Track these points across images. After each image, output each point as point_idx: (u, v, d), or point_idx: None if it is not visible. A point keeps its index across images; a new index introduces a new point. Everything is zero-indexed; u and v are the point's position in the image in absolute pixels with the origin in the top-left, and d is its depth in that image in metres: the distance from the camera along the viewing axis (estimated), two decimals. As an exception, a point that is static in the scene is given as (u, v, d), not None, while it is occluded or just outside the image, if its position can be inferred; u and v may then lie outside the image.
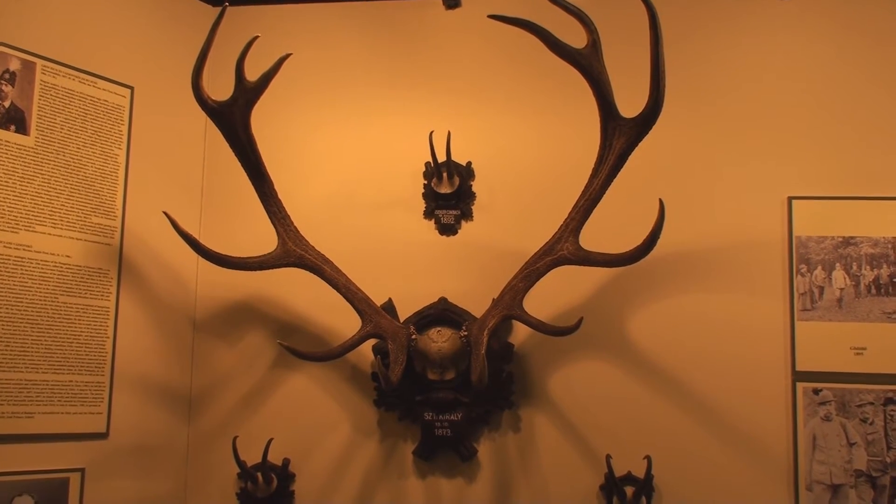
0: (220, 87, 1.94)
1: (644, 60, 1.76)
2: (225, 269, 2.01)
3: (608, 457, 2.05)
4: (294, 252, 2.02)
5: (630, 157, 1.85)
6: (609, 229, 2.04)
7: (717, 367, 2.14)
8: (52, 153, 2.05)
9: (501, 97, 2.36)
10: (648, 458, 2.03)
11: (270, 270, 2.03)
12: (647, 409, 2.15)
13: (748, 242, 2.17)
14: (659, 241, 1.76)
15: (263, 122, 1.99)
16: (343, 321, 2.18)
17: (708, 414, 2.13)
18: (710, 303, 2.17)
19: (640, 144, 1.84)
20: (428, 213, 2.33)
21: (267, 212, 2.01)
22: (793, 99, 2.23)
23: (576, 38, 1.80)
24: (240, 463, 2.11)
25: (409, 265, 2.31)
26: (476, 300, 2.19)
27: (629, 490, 2.06)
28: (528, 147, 2.32)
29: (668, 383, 2.15)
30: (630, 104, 1.82)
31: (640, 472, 2.06)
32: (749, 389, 2.12)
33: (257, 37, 1.87)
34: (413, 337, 2.08)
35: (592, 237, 1.91)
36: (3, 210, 1.95)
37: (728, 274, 2.18)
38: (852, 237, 2.13)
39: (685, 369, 2.15)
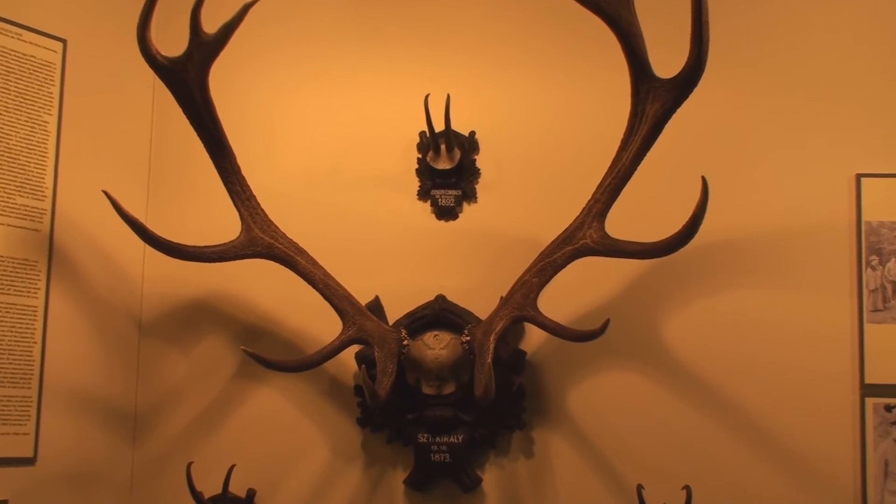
0: (172, 41, 1.93)
1: (684, 9, 1.75)
2: (177, 261, 2.01)
3: (639, 487, 2.06)
4: (261, 240, 2.02)
5: (666, 127, 1.85)
6: (640, 213, 2.05)
7: (770, 379, 2.15)
8: (-33, 120, 2.06)
9: (511, 54, 2.36)
10: (688, 488, 2.02)
11: (233, 262, 2.03)
12: (686, 430, 2.16)
13: (807, 229, 2.18)
14: (700, 228, 1.76)
15: (224, 83, 1.99)
16: (320, 323, 2.20)
17: (758, 436, 2.14)
18: (761, 302, 2.18)
19: (678, 111, 1.83)
20: (423, 194, 2.34)
21: (228, 191, 2.02)
22: (862, 60, 2.23)
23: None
24: (195, 494, 2.12)
25: (400, 256, 2.32)
26: (480, 298, 2.20)
27: (664, 527, 2.08)
28: (543, 114, 2.33)
29: (710, 399, 2.16)
30: (666, 62, 1.82)
31: (676, 505, 2.09)
32: (808, 406, 2.13)
33: (217, -21, 1.87)
34: (405, 343, 2.09)
35: (620, 223, 1.91)
36: None
37: (783, 267, 2.19)
38: (935, 223, 2.14)
39: (731, 382, 2.16)
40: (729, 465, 2.13)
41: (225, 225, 2.04)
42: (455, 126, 2.27)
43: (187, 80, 1.90)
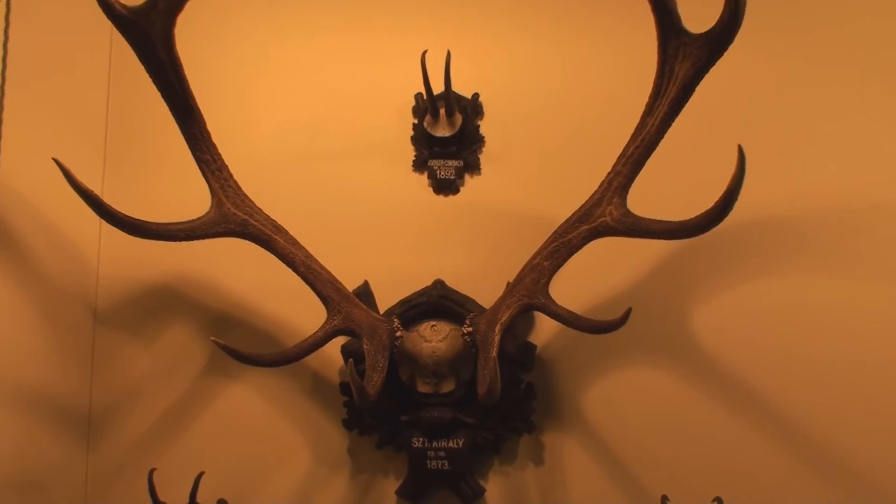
0: (133, -12, 1.94)
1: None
2: (138, 240, 1.99)
3: (664, 500, 2.07)
4: (234, 216, 2.02)
5: (697, 90, 1.84)
6: (667, 188, 2.06)
7: (818, 379, 2.16)
8: None
9: (520, 5, 2.36)
10: (719, 501, 2.03)
11: (202, 242, 2.02)
12: (718, 435, 2.17)
13: (863, 207, 2.19)
14: (736, 205, 1.75)
15: (192, 37, 2.00)
16: (301, 312, 2.21)
17: (802, 443, 2.15)
18: (807, 291, 2.19)
19: (711, 71, 1.83)
20: (419, 164, 2.34)
21: (196, 161, 2.00)
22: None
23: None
24: (159, 505, 2.14)
25: (393, 235, 2.33)
26: (484, 284, 2.21)
27: (692, 543, 2.09)
28: (556, 74, 2.34)
29: (746, 401, 2.17)
30: (698, 17, 1.81)
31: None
32: (860, 411, 2.13)
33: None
34: (398, 334, 2.09)
35: (644, 199, 1.92)
36: None
37: (834, 250, 2.19)
38: None
39: (771, 382, 2.17)
40: (767, 476, 2.14)
41: (193, 199, 2.04)
42: (456, 87, 2.27)
43: (150, 32, 1.89)
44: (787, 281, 2.19)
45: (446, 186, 2.32)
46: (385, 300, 2.23)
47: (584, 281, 2.20)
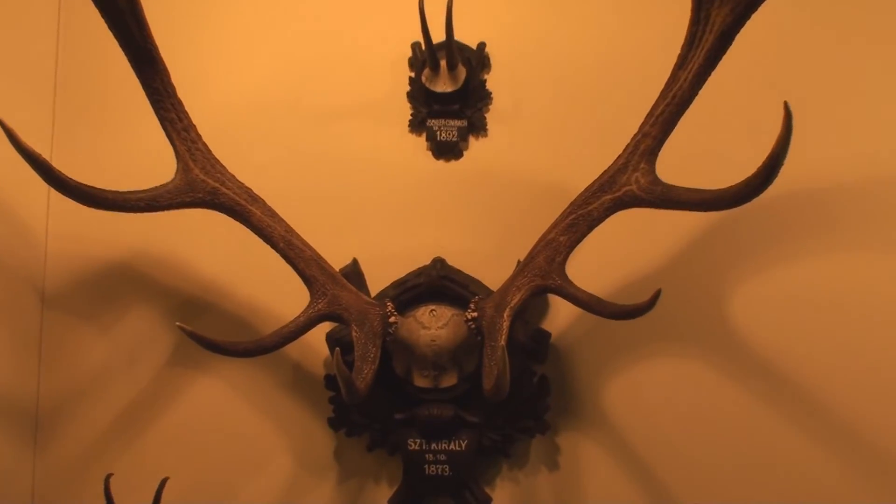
0: (85, -81, 1.93)
1: None
2: (92, 212, 1.99)
3: (694, 508, 2.09)
4: (203, 184, 2.01)
5: (736, 40, 1.84)
6: (701, 153, 2.06)
7: (875, 374, 2.15)
8: None
9: (534, -61, 2.36)
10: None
11: (166, 213, 2.01)
12: (759, 436, 2.18)
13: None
14: (781, 173, 1.75)
15: (154, -25, 1.99)
16: (280, 294, 2.22)
17: (855, 446, 2.15)
18: (862, 272, 2.18)
19: (752, 18, 1.83)
20: (416, 124, 2.35)
21: (160, 120, 1.99)
22: None
23: None
24: (117, 516, 2.15)
25: (386, 207, 2.33)
26: (491, 263, 2.22)
27: (729, 561, 2.10)
28: (574, 21, 2.33)
29: (792, 398, 2.18)
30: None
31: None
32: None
33: None
34: (392, 320, 2.09)
35: (674, 166, 1.91)
36: None
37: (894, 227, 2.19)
38: None
39: (821, 376, 2.17)
40: (812, 482, 2.15)
41: (155, 164, 2.04)
42: (459, 36, 2.27)
43: (105, -30, 1.90)
44: (840, 260, 2.19)
45: (447, 150, 2.32)
46: (377, 281, 2.24)
47: (606, 259, 2.21)
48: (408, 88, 2.34)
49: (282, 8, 2.39)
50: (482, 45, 2.33)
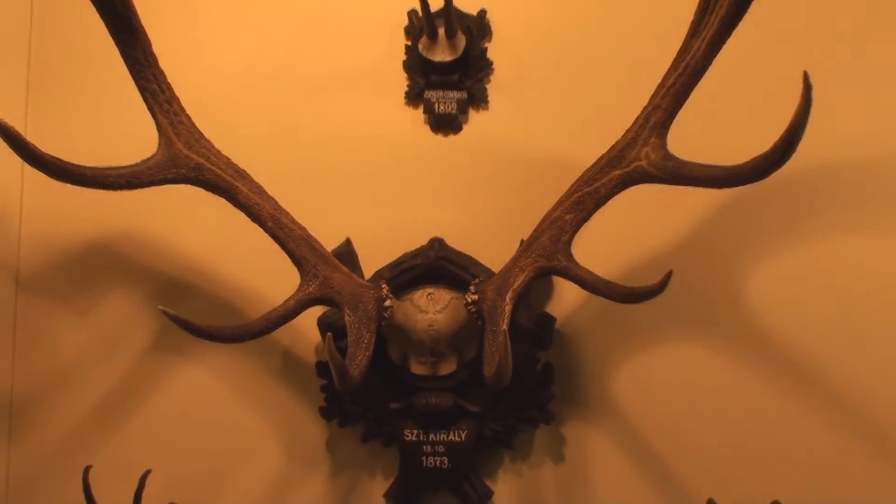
0: None
1: None
2: (69, 190, 1.99)
3: (711, 502, 2.08)
4: (187, 159, 2.01)
5: (753, 5, 1.83)
6: (714, 127, 2.05)
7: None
8: None
9: None
10: (777, 503, 2.07)
11: (148, 190, 2.01)
12: (777, 426, 2.18)
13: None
14: (799, 147, 1.74)
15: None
16: (269, 276, 2.22)
17: (878, 436, 2.15)
18: (888, 252, 2.18)
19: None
20: (413, 96, 2.34)
21: (141, 91, 1.99)
22: None
23: None
24: (96, 511, 2.15)
25: (381, 183, 2.33)
26: (492, 242, 2.22)
27: (744, 557, 2.10)
28: (581, -15, 2.33)
29: (812, 386, 2.18)
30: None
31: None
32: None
33: None
34: (387, 304, 2.09)
35: (687, 140, 1.90)
36: None
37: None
38: None
39: (843, 363, 2.17)
40: (835, 475, 2.15)
41: (136, 138, 2.02)
42: (458, 3, 2.27)
43: (83, -68, 1.89)
44: (864, 241, 2.19)
45: (446, 123, 2.32)
46: (371, 262, 2.24)
47: (615, 239, 2.21)
48: (404, 58, 2.34)
49: (270, -27, 2.39)
50: (483, 12, 2.33)
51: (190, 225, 2.32)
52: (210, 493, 2.29)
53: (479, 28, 2.32)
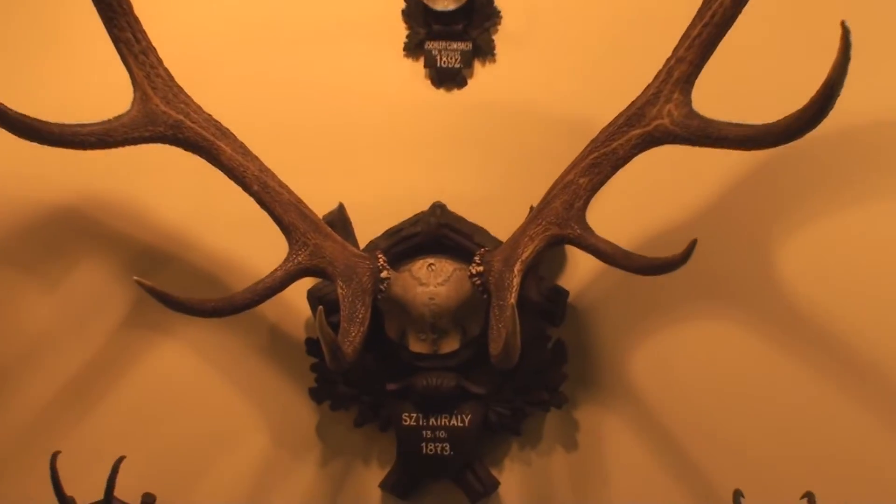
0: None
1: None
2: (36, 149, 1.98)
3: (737, 495, 2.08)
4: (164, 116, 2.00)
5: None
6: (743, 81, 2.05)
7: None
8: None
9: None
10: (810, 497, 2.05)
11: (121, 150, 2.00)
12: (809, 410, 2.19)
13: None
14: (838, 104, 1.72)
15: None
16: (254, 245, 2.22)
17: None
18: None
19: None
20: (413, 48, 2.34)
21: (113, 41, 1.98)
22: None
23: None
24: (64, 501, 2.13)
25: (378, 144, 2.33)
26: (499, 209, 2.22)
27: (774, 552, 2.11)
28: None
29: (847, 367, 2.18)
30: None
31: (792, 523, 2.12)
32: None
33: None
34: (384, 275, 2.09)
35: (713, 96, 1.89)
36: None
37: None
38: None
39: (884, 343, 2.18)
40: (876, 466, 2.16)
41: (108, 93, 2.02)
42: (463, -56, 2.25)
43: None
44: (905, 207, 2.20)
45: (449, 77, 2.32)
46: (366, 230, 2.23)
47: (634, 205, 2.21)
48: (403, 5, 2.34)
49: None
50: (489, -45, 2.33)
51: (168, 188, 2.32)
52: (189, 482, 2.30)
53: (485, -28, 2.32)
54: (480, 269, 2.06)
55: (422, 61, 2.32)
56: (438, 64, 2.31)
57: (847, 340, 2.16)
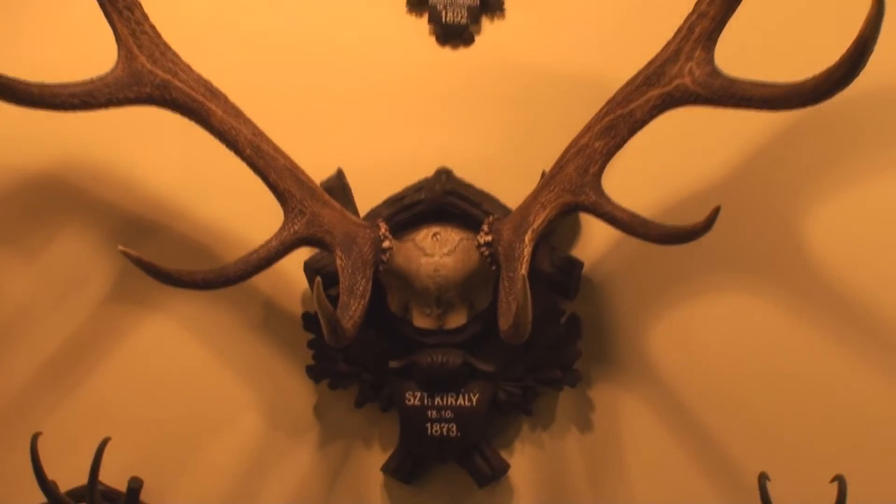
0: None
1: None
2: (14, 111, 1.98)
3: (762, 478, 2.08)
4: (151, 75, 2.00)
5: None
6: (769, 38, 2.04)
7: None
8: None
9: None
10: (840, 480, 2.05)
11: (105, 112, 2.00)
12: (840, 388, 2.19)
13: None
14: (871, 62, 1.71)
15: None
16: (247, 213, 2.22)
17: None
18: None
19: None
20: (416, 3, 2.33)
21: (96, -6, 2.00)
22: None
23: None
24: (45, 484, 2.13)
25: (379, 105, 2.33)
26: (509, 174, 2.22)
27: (801, 538, 2.11)
28: None
29: (885, 342, 2.18)
30: None
31: (821, 507, 2.13)
32: None
33: None
34: (386, 245, 2.09)
35: (737, 54, 1.89)
36: None
37: None
38: None
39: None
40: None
41: (91, 52, 2.02)
42: None
43: None
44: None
45: (455, 34, 2.31)
46: (367, 197, 2.24)
47: (652, 170, 2.21)
48: (405, -42, 2.33)
49: None
50: None
51: (155, 153, 2.32)
52: (178, 465, 2.31)
53: (494, -80, 2.31)
54: (489, 238, 2.06)
55: (426, 17, 2.32)
56: (443, 20, 2.30)
57: (882, 315, 2.16)
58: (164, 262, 1.91)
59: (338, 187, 2.20)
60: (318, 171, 2.12)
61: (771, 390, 2.19)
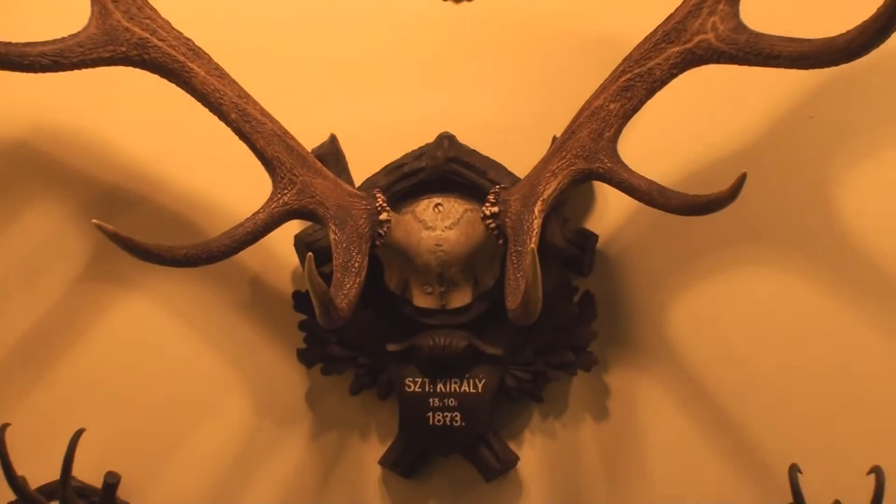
0: None
1: None
2: (-24, 73, 2.01)
3: (793, 469, 2.09)
4: (127, 33, 2.00)
5: None
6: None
7: None
8: None
9: None
10: (877, 470, 2.06)
11: (78, 73, 2.01)
12: (878, 372, 2.19)
13: None
14: None
15: None
16: (232, 182, 2.23)
17: None
18: None
19: None
20: (415, -44, 2.33)
21: (65, -57, 2.00)
22: None
23: None
24: (14, 480, 2.14)
25: (375, 65, 2.32)
26: (517, 140, 2.22)
27: (834, 534, 2.12)
28: None
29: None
30: None
31: (855, 500, 2.11)
32: None
33: None
34: (384, 218, 2.09)
35: (764, 8, 1.88)
36: None
37: None
38: None
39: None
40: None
41: (63, 8, 2.03)
42: None
43: None
44: None
45: (457, -11, 2.31)
46: (362, 165, 2.23)
47: (672, 135, 2.21)
48: None
49: None
50: None
51: (132, 118, 2.32)
52: (159, 458, 2.31)
53: None
54: (495, 209, 2.05)
55: (426, -28, 2.32)
56: (446, -28, 2.31)
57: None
58: (142, 236, 1.90)
59: (331, 154, 2.20)
60: (309, 138, 2.11)
61: (802, 375, 2.19)
